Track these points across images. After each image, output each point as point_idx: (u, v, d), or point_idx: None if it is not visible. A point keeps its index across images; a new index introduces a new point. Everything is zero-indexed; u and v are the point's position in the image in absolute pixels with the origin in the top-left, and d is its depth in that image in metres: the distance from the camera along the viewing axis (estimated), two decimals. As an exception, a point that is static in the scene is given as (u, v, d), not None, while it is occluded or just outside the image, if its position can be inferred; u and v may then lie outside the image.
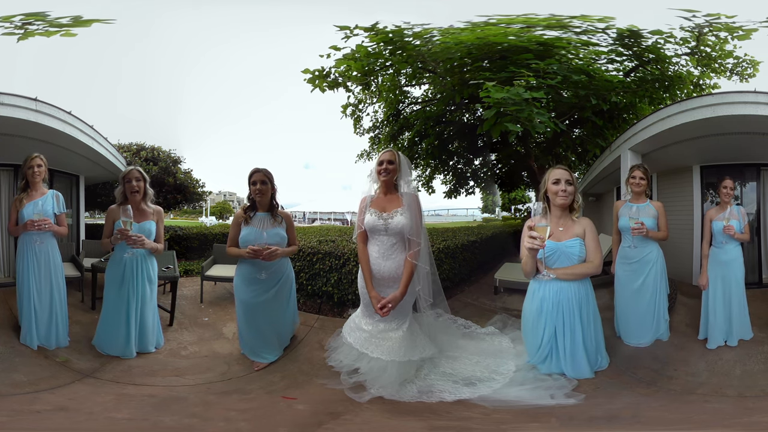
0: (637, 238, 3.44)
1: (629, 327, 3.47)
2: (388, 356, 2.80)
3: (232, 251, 3.13)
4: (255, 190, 3.10)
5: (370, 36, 5.21)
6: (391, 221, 2.81)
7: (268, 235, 3.07)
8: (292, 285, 3.37)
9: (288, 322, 3.41)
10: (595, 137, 6.14)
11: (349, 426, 2.37)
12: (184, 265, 5.85)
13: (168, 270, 4.18)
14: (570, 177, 2.75)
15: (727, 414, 2.49)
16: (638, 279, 3.47)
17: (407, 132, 7.52)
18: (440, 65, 5.62)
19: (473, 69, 5.42)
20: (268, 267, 3.10)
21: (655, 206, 3.53)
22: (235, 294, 3.19)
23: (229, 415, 2.46)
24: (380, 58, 5.52)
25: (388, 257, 2.83)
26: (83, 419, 2.36)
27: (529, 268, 2.81)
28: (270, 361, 3.16)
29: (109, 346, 3.20)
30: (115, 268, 3.25)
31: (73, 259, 4.90)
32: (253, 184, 3.11)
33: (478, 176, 8.04)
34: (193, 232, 6.99)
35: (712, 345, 3.33)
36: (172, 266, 4.36)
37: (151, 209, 3.36)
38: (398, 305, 2.80)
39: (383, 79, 6.60)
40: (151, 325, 3.31)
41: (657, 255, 3.49)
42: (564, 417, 2.41)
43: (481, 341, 3.45)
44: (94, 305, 4.08)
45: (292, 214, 3.44)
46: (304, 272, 4.44)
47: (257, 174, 3.12)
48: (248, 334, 3.19)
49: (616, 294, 3.61)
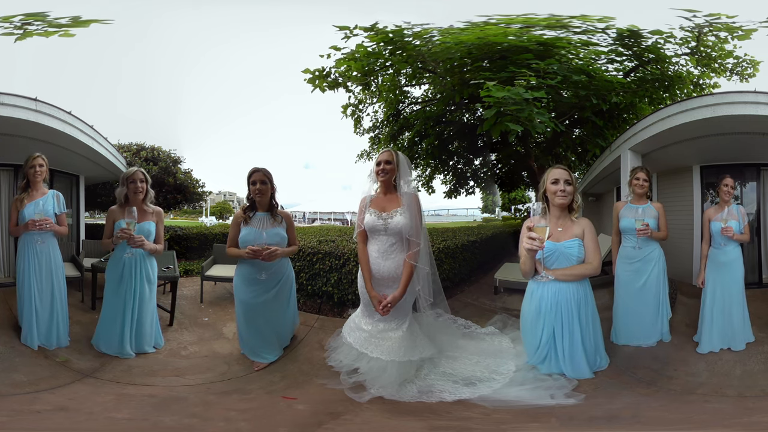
0: (641, 239, 3.46)
1: (632, 327, 3.46)
2: (387, 356, 2.81)
3: (231, 252, 3.12)
4: (255, 189, 3.08)
5: (370, 36, 5.21)
6: (391, 221, 2.81)
7: (268, 235, 3.07)
8: (293, 285, 3.37)
9: (288, 322, 3.40)
10: (595, 137, 6.14)
11: (349, 426, 2.37)
12: (184, 265, 5.85)
13: (168, 270, 4.18)
14: (569, 177, 2.74)
15: (727, 414, 2.48)
16: (641, 278, 3.47)
17: (407, 132, 7.52)
18: (440, 65, 5.61)
19: (473, 69, 5.42)
20: (268, 267, 3.09)
21: (656, 207, 3.56)
22: (235, 294, 3.19)
23: (229, 415, 2.46)
24: (380, 58, 5.52)
25: (388, 257, 2.83)
26: (83, 419, 2.36)
27: (528, 268, 2.80)
28: (270, 361, 3.16)
29: (107, 345, 3.21)
30: (115, 267, 3.26)
31: (73, 259, 4.90)
32: (252, 183, 3.10)
33: (478, 176, 8.04)
34: (193, 232, 6.99)
35: (703, 349, 3.29)
36: (172, 266, 4.36)
37: (151, 210, 3.37)
38: (398, 305, 2.80)
39: (383, 79, 6.60)
40: (148, 326, 3.31)
41: (659, 254, 3.51)
42: (564, 417, 2.41)
43: (481, 341, 3.45)
44: (94, 305, 4.08)
45: (292, 214, 3.44)
46: (304, 272, 4.44)
47: (257, 173, 3.11)
48: (248, 334, 3.19)
49: (616, 295, 3.60)
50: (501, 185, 8.27)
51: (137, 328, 3.25)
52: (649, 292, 3.47)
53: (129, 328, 3.21)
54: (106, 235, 3.26)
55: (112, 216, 3.26)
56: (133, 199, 3.29)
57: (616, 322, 3.56)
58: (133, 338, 3.24)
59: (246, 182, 3.14)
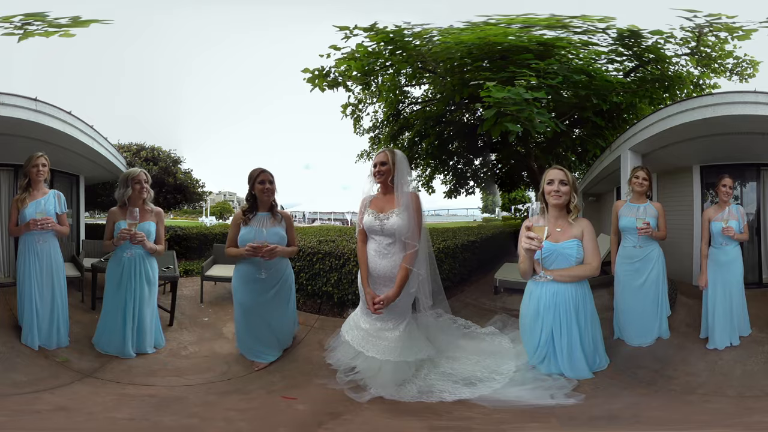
0: (642, 238, 3.47)
1: (632, 327, 3.47)
2: (382, 355, 2.80)
3: (231, 251, 3.12)
4: (263, 189, 3.12)
5: (370, 36, 5.21)
6: (387, 222, 2.80)
7: (268, 234, 3.07)
8: (292, 286, 3.36)
9: (288, 322, 3.40)
10: (595, 137, 6.15)
11: (349, 426, 2.37)
12: (184, 265, 5.85)
13: (168, 270, 4.18)
14: (565, 177, 2.74)
15: (727, 414, 2.48)
16: (641, 277, 3.48)
17: (407, 132, 7.52)
18: (440, 65, 5.62)
19: (473, 69, 5.42)
20: (268, 266, 3.09)
21: (655, 206, 3.56)
22: (234, 295, 3.18)
23: (229, 415, 2.46)
24: (380, 57, 5.52)
25: (384, 256, 2.82)
26: (83, 419, 2.36)
27: (526, 267, 2.80)
28: (269, 361, 3.16)
29: (108, 345, 3.21)
30: (115, 268, 3.25)
31: (73, 259, 4.90)
32: (260, 183, 3.13)
33: (478, 176, 8.05)
34: (193, 232, 6.99)
35: (711, 345, 3.33)
36: (172, 266, 4.36)
37: (151, 210, 3.37)
38: (395, 305, 2.79)
39: (383, 79, 6.60)
40: (148, 326, 3.31)
41: (658, 253, 3.52)
42: (564, 417, 2.41)
43: (481, 341, 3.45)
44: (95, 305, 4.08)
45: (292, 214, 3.45)
46: (304, 272, 4.44)
47: (264, 173, 3.16)
48: (247, 335, 3.19)
49: (616, 294, 3.61)
50: (501, 185, 8.28)
51: (138, 328, 3.25)
52: (649, 291, 3.48)
53: (130, 328, 3.21)
54: (107, 237, 3.26)
55: (113, 217, 3.26)
56: (135, 199, 3.29)
57: (616, 321, 3.58)
58: (135, 338, 3.23)
59: (249, 182, 3.17)
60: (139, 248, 3.26)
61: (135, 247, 3.25)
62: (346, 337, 3.04)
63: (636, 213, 3.49)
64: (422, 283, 2.92)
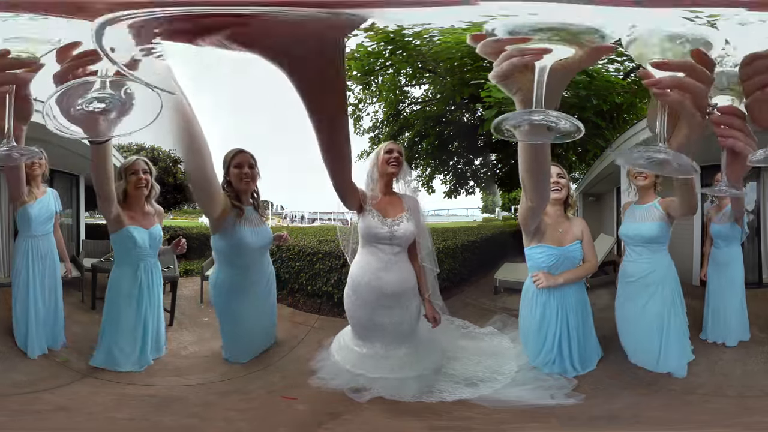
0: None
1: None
2: (392, 374, 2.66)
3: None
4: (240, 174, 2.51)
5: (370, 36, 5.21)
6: (398, 228, 2.55)
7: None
8: (274, 283, 3.23)
9: (270, 318, 3.31)
10: (595, 137, 6.14)
11: (349, 426, 2.37)
12: (184, 265, 5.83)
13: (168, 270, 4.18)
14: (561, 171, 2.80)
15: (727, 414, 2.49)
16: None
17: (407, 132, 7.51)
18: (440, 65, 5.61)
19: (474, 69, 5.42)
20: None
21: (663, 206, 3.02)
22: (213, 297, 3.04)
23: (229, 415, 2.46)
24: (380, 57, 5.52)
25: (390, 269, 2.57)
26: (83, 419, 2.36)
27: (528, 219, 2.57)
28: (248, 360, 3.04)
29: (124, 362, 2.91)
30: (124, 275, 3.09)
31: (72, 259, 4.88)
32: (237, 166, 2.53)
33: (478, 176, 8.03)
34: (193, 232, 6.96)
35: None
36: (172, 266, 4.35)
37: (154, 210, 3.15)
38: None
39: (383, 79, 6.60)
40: (163, 331, 3.25)
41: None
42: (564, 417, 2.41)
43: (480, 341, 3.45)
44: (95, 305, 4.07)
45: (292, 214, 3.42)
46: (304, 272, 4.43)
47: (242, 154, 2.52)
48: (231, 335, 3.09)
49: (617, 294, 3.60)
50: (501, 185, 8.26)
51: (156, 338, 3.12)
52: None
53: (150, 338, 3.04)
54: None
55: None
56: (135, 195, 2.76)
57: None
58: (153, 347, 3.06)
59: (224, 166, 2.55)
60: (155, 256, 3.18)
61: (153, 255, 3.14)
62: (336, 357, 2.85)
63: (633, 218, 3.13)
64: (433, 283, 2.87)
